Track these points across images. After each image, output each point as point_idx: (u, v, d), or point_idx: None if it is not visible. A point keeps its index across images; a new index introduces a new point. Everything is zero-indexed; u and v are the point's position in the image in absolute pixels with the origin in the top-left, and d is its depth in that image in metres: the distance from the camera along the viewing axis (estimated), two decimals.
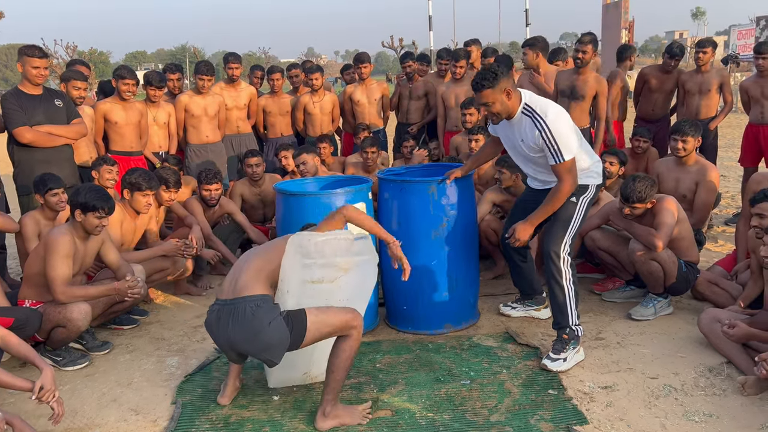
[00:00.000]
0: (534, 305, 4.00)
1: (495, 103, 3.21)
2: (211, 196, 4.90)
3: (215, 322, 2.80)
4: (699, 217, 4.44)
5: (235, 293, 2.77)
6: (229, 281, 2.88)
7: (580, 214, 3.37)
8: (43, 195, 4.10)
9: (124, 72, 5.32)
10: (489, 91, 3.18)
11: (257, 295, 2.73)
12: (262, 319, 2.68)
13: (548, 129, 3.16)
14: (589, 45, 5.28)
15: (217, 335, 2.82)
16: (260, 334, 2.68)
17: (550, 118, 3.18)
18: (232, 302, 2.74)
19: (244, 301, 2.71)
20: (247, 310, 2.69)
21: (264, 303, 2.73)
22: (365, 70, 6.51)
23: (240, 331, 2.71)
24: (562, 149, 3.17)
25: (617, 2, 20.29)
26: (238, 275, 2.84)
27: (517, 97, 3.25)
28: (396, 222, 3.76)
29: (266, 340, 2.69)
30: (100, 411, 3.08)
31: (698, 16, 74.28)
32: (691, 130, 4.38)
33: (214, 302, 2.88)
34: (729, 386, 3.03)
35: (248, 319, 2.68)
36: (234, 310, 2.72)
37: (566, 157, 3.19)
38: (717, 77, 5.83)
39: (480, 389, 3.11)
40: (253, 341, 2.71)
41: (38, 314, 3.47)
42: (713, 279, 4.00)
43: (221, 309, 2.78)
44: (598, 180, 3.46)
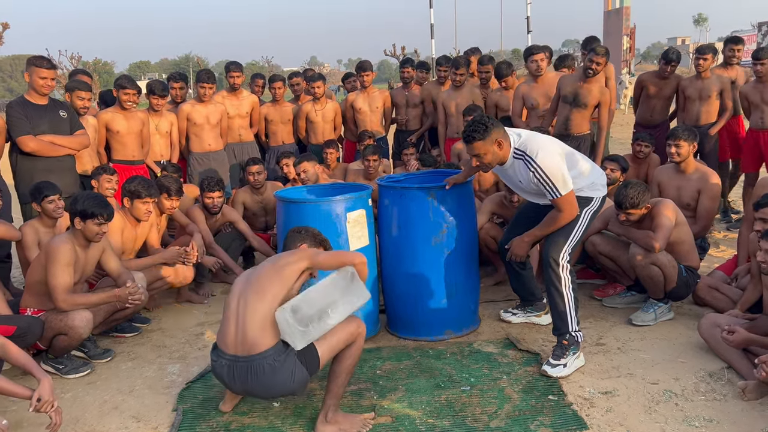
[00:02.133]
0: (534, 311, 4.00)
1: (486, 154, 3.25)
2: (214, 203, 4.92)
3: (228, 375, 2.77)
4: (703, 225, 4.43)
5: (246, 349, 2.71)
6: (233, 332, 2.76)
7: (583, 224, 3.39)
8: (39, 203, 4.13)
9: (124, 82, 5.37)
10: (480, 143, 3.22)
11: (271, 349, 2.71)
12: (284, 373, 2.71)
13: (540, 169, 3.21)
14: (603, 57, 5.23)
15: (232, 386, 2.82)
16: (284, 385, 2.74)
17: (539, 158, 3.22)
18: (247, 360, 2.70)
19: (262, 359, 2.69)
20: (266, 368, 2.69)
21: (280, 356, 2.71)
22: (367, 78, 6.56)
23: (261, 387, 2.74)
24: (557, 186, 3.22)
25: (618, 9, 20.37)
26: (243, 328, 2.73)
27: (507, 144, 3.29)
28: (396, 228, 3.77)
29: (290, 388, 2.77)
30: (102, 418, 3.10)
31: (700, 23, 74.37)
32: (684, 134, 4.38)
33: (220, 354, 2.79)
34: (729, 391, 3.02)
35: (269, 375, 2.69)
36: (251, 368, 2.70)
37: (563, 192, 3.23)
38: (717, 83, 5.84)
39: (480, 395, 3.12)
40: (276, 391, 2.77)
41: (40, 322, 3.48)
42: (714, 284, 4.00)
43: (233, 365, 2.73)
44: (602, 192, 3.48)
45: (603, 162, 4.91)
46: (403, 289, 3.85)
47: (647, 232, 3.78)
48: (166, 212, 4.67)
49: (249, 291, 2.79)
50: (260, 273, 2.84)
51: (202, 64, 52.07)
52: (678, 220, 3.84)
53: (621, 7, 20.28)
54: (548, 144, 3.32)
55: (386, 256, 3.89)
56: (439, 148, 6.33)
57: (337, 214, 3.66)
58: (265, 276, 2.81)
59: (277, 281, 2.78)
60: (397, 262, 3.82)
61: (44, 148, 4.53)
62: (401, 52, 29.55)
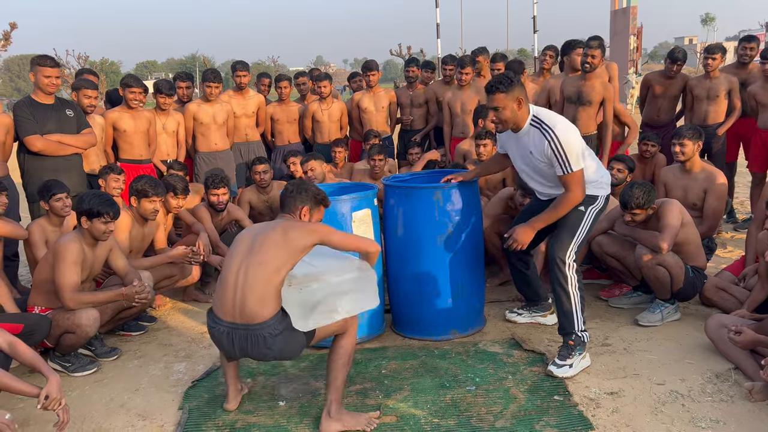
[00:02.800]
0: (540, 311, 3.99)
1: (505, 108, 3.23)
2: (219, 200, 4.92)
3: (227, 342, 2.77)
4: (710, 225, 4.42)
5: (245, 318, 2.71)
6: (232, 300, 2.74)
7: (588, 223, 3.38)
8: (47, 201, 4.15)
9: (130, 80, 5.40)
10: (502, 95, 3.20)
11: (272, 319, 2.70)
12: (282, 342, 2.74)
13: (557, 140, 3.18)
14: (598, 50, 5.25)
15: (230, 351, 2.82)
16: (282, 351, 2.77)
17: (558, 129, 3.20)
18: (246, 328, 2.71)
19: (261, 329, 2.69)
20: (266, 337, 2.70)
21: (280, 325, 2.71)
22: (373, 78, 6.56)
23: (260, 353, 2.76)
24: (570, 160, 3.19)
25: (626, 9, 20.29)
26: (242, 298, 2.71)
27: (526, 109, 3.28)
28: (402, 228, 3.77)
29: (287, 354, 2.81)
30: (108, 417, 3.11)
31: (708, 22, 73.99)
32: (689, 133, 4.37)
33: (217, 320, 2.79)
34: (736, 392, 3.01)
35: (269, 344, 2.71)
36: (250, 336, 2.71)
37: (574, 168, 3.21)
38: (726, 83, 5.80)
39: (485, 395, 3.11)
40: (273, 356, 2.79)
41: (47, 321, 3.50)
42: (721, 284, 3.98)
43: (233, 331, 2.74)
44: (606, 191, 3.47)
45: (610, 162, 4.89)
46: (409, 289, 3.85)
47: (654, 233, 3.77)
48: (173, 211, 4.69)
49: (252, 260, 2.73)
50: (266, 242, 2.76)
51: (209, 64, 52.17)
52: (684, 220, 3.83)
53: (628, 7, 20.20)
54: (566, 122, 3.30)
55: (391, 256, 3.89)
56: (444, 147, 6.33)
57: (343, 214, 3.66)
58: (271, 247, 2.74)
59: (284, 255, 2.73)
60: (402, 262, 3.82)
61: (51, 147, 4.56)
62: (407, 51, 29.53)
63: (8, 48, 21.00)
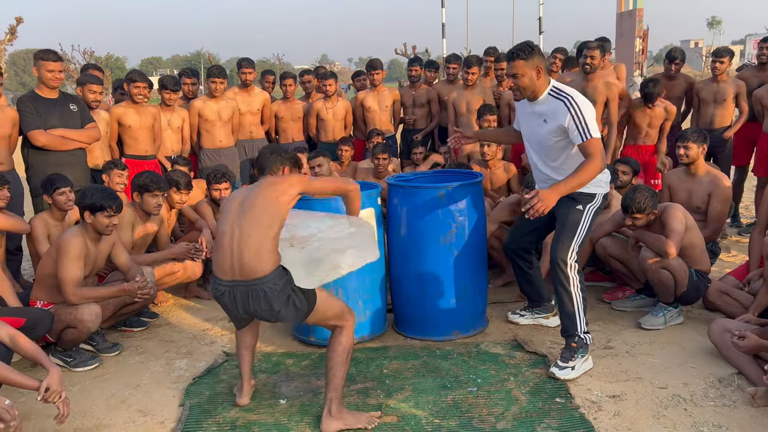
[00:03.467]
0: (543, 313, 3.98)
1: (524, 76, 3.24)
2: (221, 195, 4.93)
3: (229, 300, 2.83)
4: (713, 228, 4.40)
5: (243, 274, 2.75)
6: (229, 260, 2.78)
7: (587, 222, 3.37)
8: (50, 195, 4.15)
9: (135, 75, 5.41)
10: (521, 62, 3.22)
11: (271, 274, 2.75)
12: (283, 299, 2.77)
13: (577, 106, 3.20)
14: (596, 50, 5.30)
15: (233, 309, 2.86)
16: (283, 312, 2.79)
17: (578, 97, 3.24)
18: (246, 284, 2.75)
19: (261, 283, 2.74)
20: (267, 292, 2.75)
21: (280, 281, 2.76)
22: (377, 77, 6.55)
23: (261, 308, 2.79)
24: (590, 126, 3.19)
25: (632, 11, 20.19)
26: (239, 256, 2.75)
27: (545, 79, 3.30)
28: (405, 227, 3.76)
29: (288, 316, 2.82)
30: (109, 412, 3.11)
31: (714, 25, 73.80)
32: (693, 136, 4.35)
33: (218, 282, 2.83)
34: (739, 397, 2.99)
35: (269, 298, 2.75)
36: (251, 292, 2.76)
37: (594, 134, 3.20)
38: (733, 87, 5.78)
39: (487, 396, 3.10)
40: (271, 314, 2.81)
41: (50, 315, 3.51)
42: (725, 289, 3.96)
43: (233, 289, 2.79)
44: (605, 189, 3.45)
45: (615, 163, 4.88)
46: (411, 289, 3.84)
47: (660, 237, 3.75)
48: (176, 206, 4.69)
49: (244, 220, 2.80)
50: (255, 201, 2.82)
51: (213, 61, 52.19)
52: (688, 224, 3.82)
53: (634, 9, 20.11)
54: (582, 95, 3.31)
55: (394, 255, 3.88)
56: (447, 146, 6.31)
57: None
58: (260, 206, 2.80)
59: (273, 210, 2.80)
60: (405, 261, 3.81)
61: (54, 142, 4.56)
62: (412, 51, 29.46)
63: (14, 42, 21.04)
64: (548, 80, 3.31)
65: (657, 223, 3.86)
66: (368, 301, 3.79)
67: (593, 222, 3.42)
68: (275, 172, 2.98)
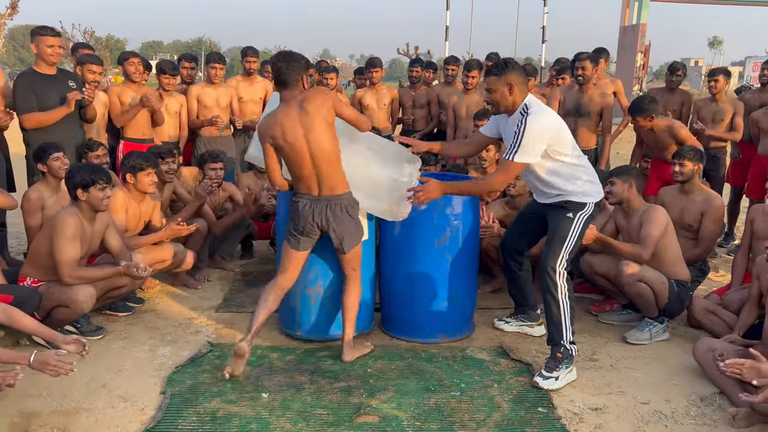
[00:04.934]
0: (528, 321, 3.98)
1: (496, 92, 3.33)
2: (217, 175, 4.94)
3: (308, 211, 3.34)
4: (705, 248, 4.41)
5: (327, 191, 3.33)
6: (316, 182, 3.31)
7: (577, 229, 3.38)
8: (45, 162, 4.12)
9: (127, 54, 5.41)
10: (494, 78, 3.32)
11: (346, 194, 3.38)
12: (353, 221, 3.41)
13: (525, 128, 3.23)
14: (587, 61, 5.35)
15: (307, 221, 3.35)
16: (351, 232, 3.40)
17: (532, 115, 3.25)
18: (327, 199, 3.33)
19: (339, 199, 3.34)
20: (344, 208, 3.36)
21: (353, 204, 3.41)
22: (376, 75, 6.55)
23: (337, 222, 3.35)
24: (519, 149, 3.23)
25: (635, 26, 20.31)
26: (324, 177, 3.29)
27: (520, 96, 3.32)
28: (398, 228, 3.75)
29: (351, 234, 3.41)
30: (89, 396, 3.08)
31: (715, 45, 74.20)
32: (689, 154, 4.37)
33: (301, 197, 3.36)
34: (720, 417, 3.01)
35: (349, 212, 3.38)
36: (329, 205, 3.34)
37: (515, 158, 3.24)
38: (732, 107, 5.81)
39: (470, 402, 3.10)
40: (344, 231, 3.37)
41: (38, 294, 3.48)
42: (711, 308, 3.97)
43: (315, 202, 3.34)
44: (596, 198, 3.45)
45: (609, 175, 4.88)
46: (401, 289, 3.83)
47: (633, 246, 3.83)
48: (165, 178, 4.65)
49: (316, 150, 3.25)
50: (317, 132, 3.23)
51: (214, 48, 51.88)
52: (667, 228, 3.86)
53: (638, 24, 20.21)
54: (549, 115, 3.33)
55: (386, 255, 3.87)
56: None
57: None
58: (322, 133, 3.24)
59: (331, 130, 3.28)
60: (396, 262, 3.80)
61: (42, 120, 4.52)
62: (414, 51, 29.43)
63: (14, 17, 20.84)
64: (524, 96, 3.32)
65: (637, 219, 3.90)
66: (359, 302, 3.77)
67: (584, 231, 3.43)
68: (297, 84, 3.26)
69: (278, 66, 3.26)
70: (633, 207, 4.02)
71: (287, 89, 3.26)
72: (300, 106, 3.23)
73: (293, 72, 3.23)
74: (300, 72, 3.25)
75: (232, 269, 5.14)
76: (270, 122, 3.28)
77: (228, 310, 4.28)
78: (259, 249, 5.70)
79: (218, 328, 3.98)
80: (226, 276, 5.02)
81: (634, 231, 3.96)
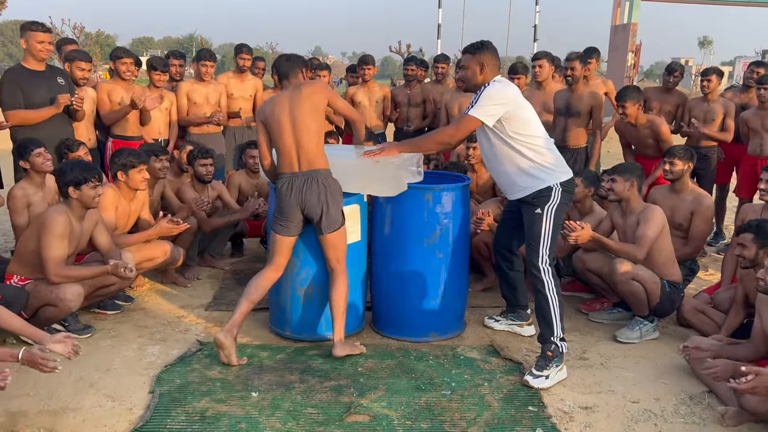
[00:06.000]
0: (517, 320, 3.98)
1: (467, 69, 3.44)
2: (207, 170, 4.93)
3: (287, 190, 3.41)
4: (695, 246, 4.44)
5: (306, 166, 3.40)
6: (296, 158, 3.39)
7: (549, 223, 3.37)
8: (27, 159, 4.07)
9: (120, 52, 5.33)
10: (468, 56, 3.44)
11: (324, 170, 3.43)
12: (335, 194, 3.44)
13: (485, 87, 3.32)
14: (576, 61, 5.35)
15: (287, 200, 3.40)
16: (332, 208, 3.41)
17: (494, 82, 3.34)
18: (305, 174, 3.39)
19: (317, 173, 3.39)
20: (320, 182, 3.38)
21: (329, 179, 3.43)
22: (369, 72, 6.52)
23: (315, 198, 3.38)
24: (475, 105, 3.29)
25: (626, 25, 20.38)
26: (300, 145, 3.37)
27: (489, 77, 3.38)
28: (389, 226, 3.75)
29: (333, 215, 3.41)
30: (76, 395, 3.05)
31: (705, 45, 74.61)
32: (680, 153, 4.40)
33: (283, 176, 3.43)
34: (709, 415, 3.02)
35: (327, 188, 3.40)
36: (307, 179, 3.38)
37: (474, 113, 3.29)
38: (722, 107, 5.83)
39: (460, 400, 3.10)
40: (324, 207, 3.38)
41: (25, 293, 3.45)
42: (700, 307, 4.00)
43: (294, 179, 3.40)
44: (556, 178, 3.38)
45: (602, 173, 4.90)
46: (391, 288, 3.82)
47: (628, 246, 3.84)
48: (159, 175, 4.62)
49: (299, 122, 3.36)
50: (302, 108, 3.37)
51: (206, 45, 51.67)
52: (663, 229, 3.88)
53: (629, 23, 20.29)
54: (512, 89, 3.38)
55: (377, 254, 3.86)
56: None
57: None
58: (308, 112, 3.38)
59: (317, 113, 3.42)
60: (387, 260, 3.79)
61: (28, 118, 4.47)
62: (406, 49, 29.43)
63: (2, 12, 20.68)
64: (494, 77, 3.40)
65: (634, 217, 3.92)
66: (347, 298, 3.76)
67: (557, 222, 3.40)
68: (297, 76, 3.47)
69: (279, 62, 3.54)
70: (632, 206, 4.02)
71: (287, 79, 3.49)
72: (295, 87, 3.43)
73: (293, 64, 3.49)
74: (299, 65, 3.50)
75: (222, 267, 5.12)
76: (265, 103, 3.55)
77: (218, 309, 4.26)
78: (250, 247, 5.68)
79: (208, 327, 3.95)
80: (216, 274, 4.99)
81: (630, 230, 3.96)
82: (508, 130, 3.34)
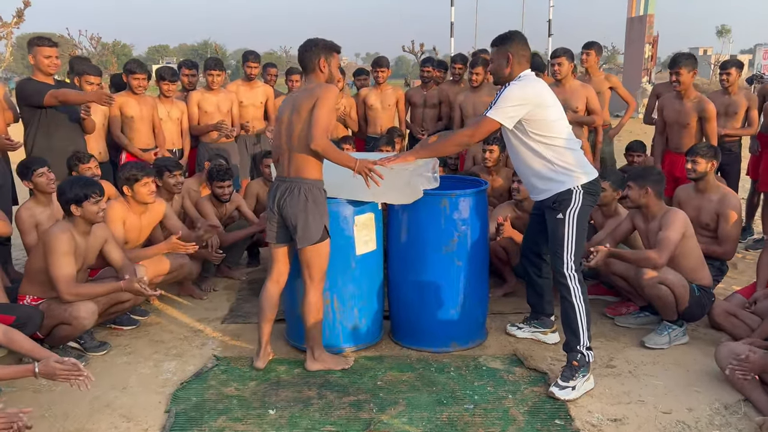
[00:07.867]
0: (541, 327, 3.86)
1: (493, 61, 3.37)
2: (224, 192, 4.88)
3: (273, 192, 3.32)
4: (726, 249, 4.21)
5: (291, 172, 3.27)
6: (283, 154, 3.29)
7: (572, 229, 3.25)
8: (30, 179, 4.05)
9: (133, 66, 5.29)
10: (494, 48, 3.35)
11: (313, 181, 3.26)
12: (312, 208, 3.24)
13: (502, 93, 3.22)
14: (562, 57, 5.26)
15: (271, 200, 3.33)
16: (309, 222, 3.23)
17: (518, 80, 3.24)
18: (291, 180, 3.26)
19: (301, 182, 3.24)
20: (302, 191, 3.22)
21: (313, 190, 3.25)
22: (382, 75, 6.44)
23: (291, 208, 3.24)
24: (495, 106, 3.20)
25: (642, 17, 20.06)
26: (292, 149, 3.24)
27: (518, 69, 3.27)
28: (405, 234, 3.65)
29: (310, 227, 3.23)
30: (92, 416, 3.00)
31: (723, 34, 73.39)
32: (702, 151, 4.21)
33: (276, 179, 3.37)
34: (746, 426, 2.88)
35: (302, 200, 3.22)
36: (291, 185, 3.25)
37: (492, 115, 3.19)
38: (746, 99, 5.63)
39: (484, 415, 2.99)
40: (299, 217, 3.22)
41: (40, 313, 3.41)
42: (732, 310, 3.83)
43: (281, 182, 3.29)
44: (578, 180, 3.24)
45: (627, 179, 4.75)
46: (410, 297, 3.73)
47: (647, 252, 3.70)
48: (174, 190, 4.58)
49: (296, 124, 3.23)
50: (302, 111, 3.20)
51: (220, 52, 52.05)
52: (687, 233, 3.72)
53: (645, 15, 19.96)
54: (536, 86, 3.25)
55: (394, 263, 3.77)
56: None
57: (345, 217, 3.54)
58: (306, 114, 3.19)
59: None
60: (404, 269, 3.70)
61: (69, 95, 4.49)
62: (420, 48, 29.36)
63: (21, 25, 20.94)
64: (522, 70, 3.28)
65: (656, 222, 3.79)
66: (364, 308, 3.68)
67: (581, 225, 3.28)
68: (315, 69, 3.28)
69: (299, 52, 3.33)
70: (652, 211, 3.88)
71: (307, 75, 3.33)
72: (306, 89, 3.28)
73: (310, 55, 3.27)
74: (318, 54, 3.26)
75: (238, 277, 5.06)
76: (284, 99, 3.53)
77: (234, 321, 4.19)
78: (266, 256, 5.61)
79: (224, 341, 3.89)
80: (232, 285, 4.94)
81: (653, 234, 3.82)
82: (528, 130, 3.24)
